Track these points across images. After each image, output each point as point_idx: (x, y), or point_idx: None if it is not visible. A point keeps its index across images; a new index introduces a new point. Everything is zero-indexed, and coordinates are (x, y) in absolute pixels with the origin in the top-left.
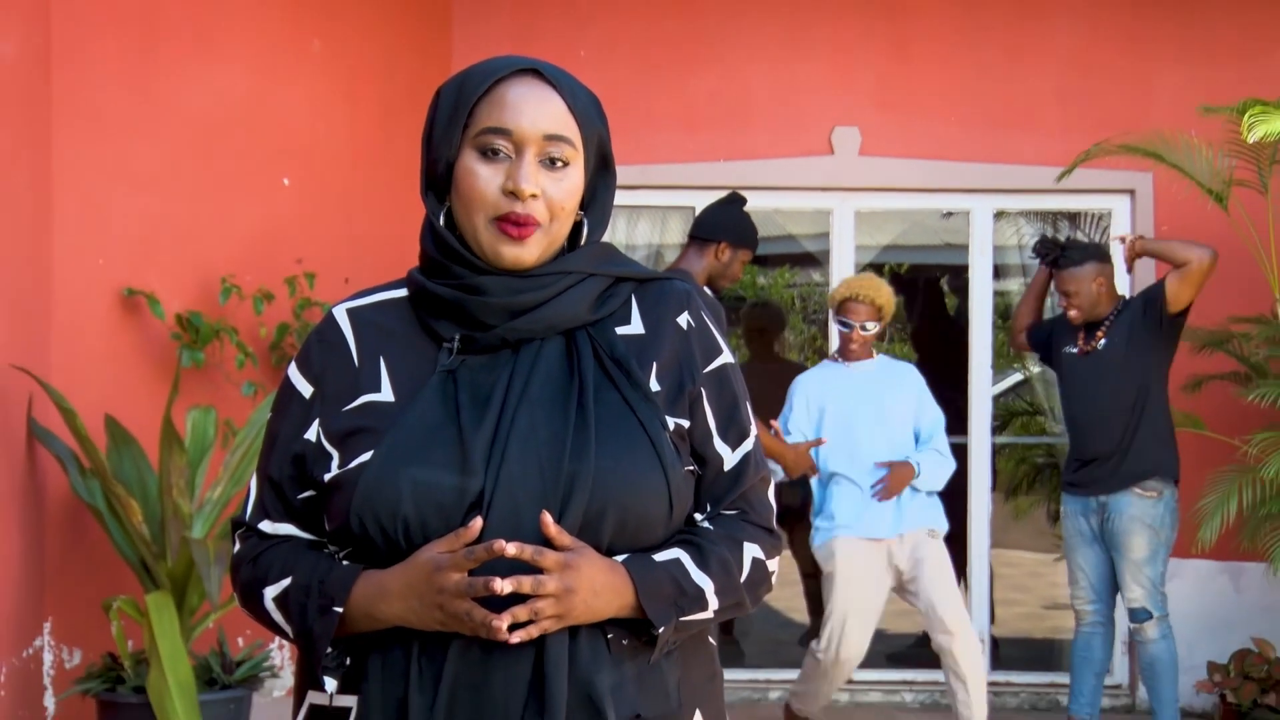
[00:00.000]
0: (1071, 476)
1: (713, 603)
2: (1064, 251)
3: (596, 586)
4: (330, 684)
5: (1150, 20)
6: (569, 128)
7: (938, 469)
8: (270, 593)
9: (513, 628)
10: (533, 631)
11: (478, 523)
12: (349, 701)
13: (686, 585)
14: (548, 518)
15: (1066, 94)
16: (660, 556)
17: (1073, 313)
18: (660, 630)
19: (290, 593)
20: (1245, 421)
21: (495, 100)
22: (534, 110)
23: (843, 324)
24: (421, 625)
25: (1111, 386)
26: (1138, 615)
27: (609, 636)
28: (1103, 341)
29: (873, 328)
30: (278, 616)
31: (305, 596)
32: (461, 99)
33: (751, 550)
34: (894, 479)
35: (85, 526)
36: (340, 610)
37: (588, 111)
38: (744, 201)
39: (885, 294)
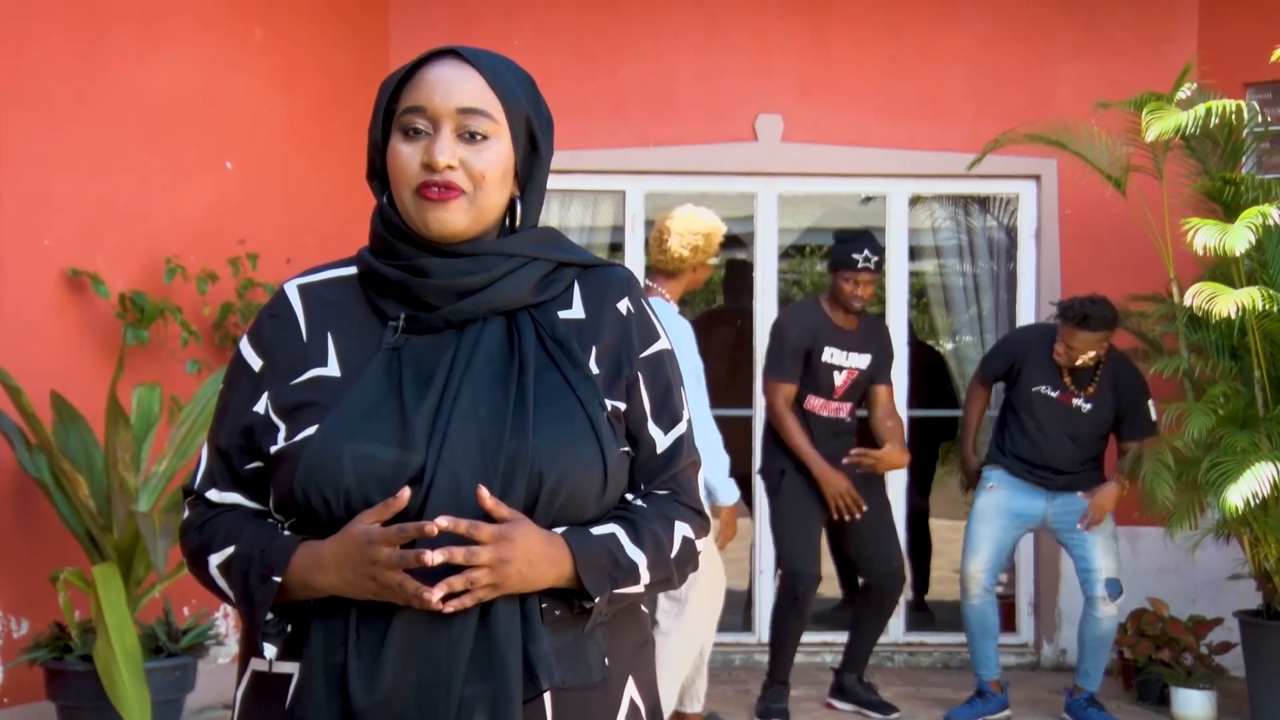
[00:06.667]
0: (1021, 464)
1: (645, 577)
2: (1087, 316)
3: (532, 557)
4: (269, 650)
5: (1052, 15)
6: (486, 102)
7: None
8: (215, 560)
9: (448, 597)
10: (466, 601)
11: (406, 492)
12: (291, 668)
13: (621, 559)
14: (484, 492)
15: (976, 85)
16: (597, 530)
17: (1062, 360)
18: (595, 601)
19: (233, 561)
20: None
21: (415, 82)
22: (447, 86)
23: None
24: (356, 595)
25: (1083, 434)
26: (1111, 586)
27: (543, 606)
28: (1086, 404)
29: None
30: (222, 583)
31: (247, 565)
32: (385, 85)
33: (682, 529)
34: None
35: (32, 500)
36: (279, 579)
37: (511, 89)
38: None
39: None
